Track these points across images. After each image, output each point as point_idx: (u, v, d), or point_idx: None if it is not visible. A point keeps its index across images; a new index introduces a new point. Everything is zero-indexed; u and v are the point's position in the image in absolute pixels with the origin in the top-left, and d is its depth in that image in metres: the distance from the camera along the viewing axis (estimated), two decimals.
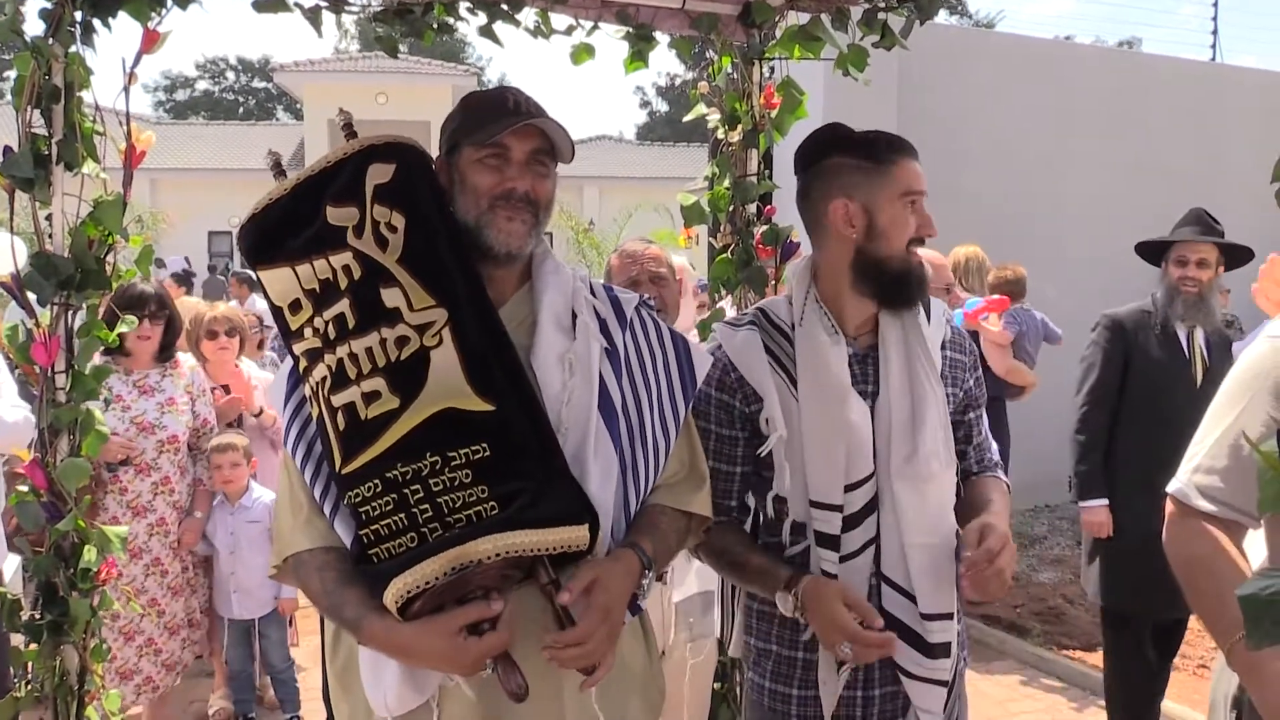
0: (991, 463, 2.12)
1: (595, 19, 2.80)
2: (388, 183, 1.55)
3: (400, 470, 1.47)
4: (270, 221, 1.61)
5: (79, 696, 2.26)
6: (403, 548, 1.47)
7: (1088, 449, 3.74)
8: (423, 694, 1.56)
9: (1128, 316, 3.72)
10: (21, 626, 2.24)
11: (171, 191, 26.20)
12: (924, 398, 1.90)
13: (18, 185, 2.11)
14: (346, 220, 1.54)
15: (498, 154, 1.64)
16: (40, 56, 2.07)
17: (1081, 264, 7.71)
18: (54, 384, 2.18)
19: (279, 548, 1.66)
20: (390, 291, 1.52)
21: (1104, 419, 3.71)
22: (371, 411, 1.49)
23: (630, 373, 1.69)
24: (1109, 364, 3.70)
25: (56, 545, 2.21)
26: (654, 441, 1.68)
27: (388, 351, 1.50)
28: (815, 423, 1.89)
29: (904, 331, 1.94)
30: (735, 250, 2.96)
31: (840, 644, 1.76)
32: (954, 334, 2.04)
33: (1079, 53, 9.30)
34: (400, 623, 1.47)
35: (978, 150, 7.43)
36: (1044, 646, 5.05)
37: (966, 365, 2.04)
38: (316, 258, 1.54)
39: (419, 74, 25.26)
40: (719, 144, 3.03)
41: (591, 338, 1.66)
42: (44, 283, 2.13)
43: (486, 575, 1.46)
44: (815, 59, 2.82)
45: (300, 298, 1.57)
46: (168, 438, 3.67)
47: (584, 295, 1.71)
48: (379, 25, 2.61)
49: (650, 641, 1.80)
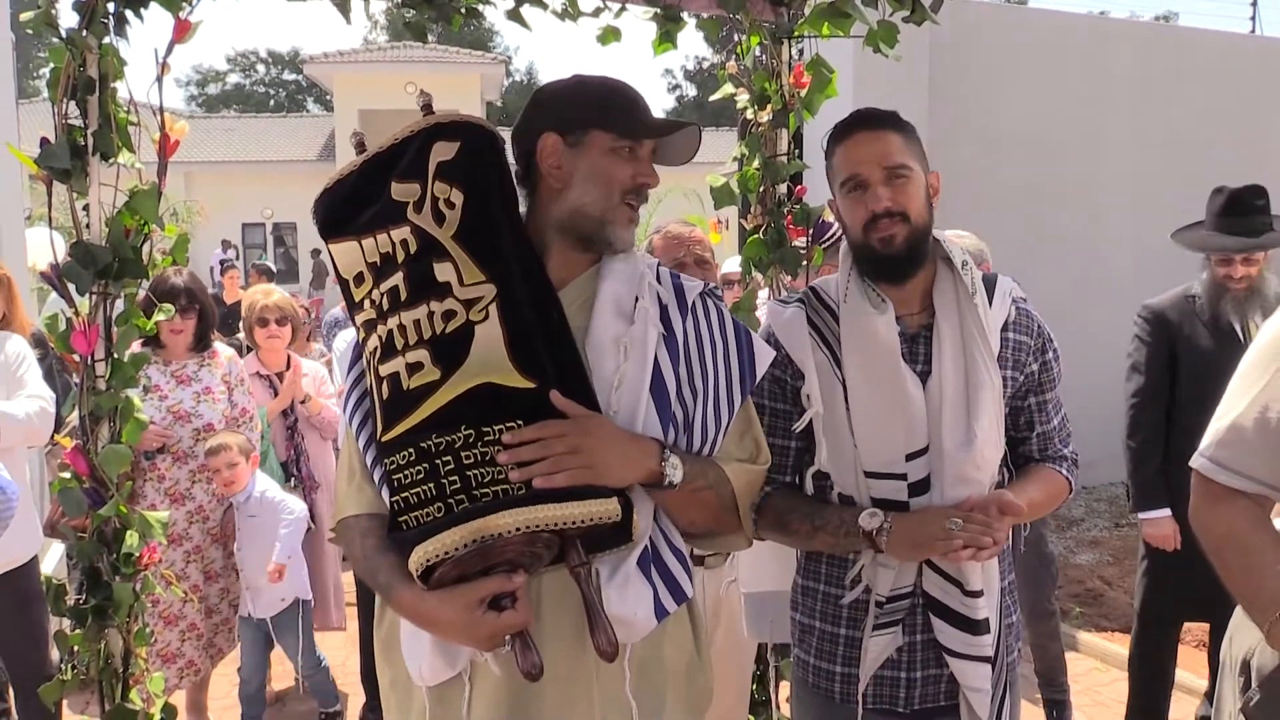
0: (1056, 453, 2.05)
1: (623, 0, 2.79)
2: (451, 160, 1.56)
3: (434, 441, 1.48)
4: (340, 197, 1.65)
5: (123, 679, 2.30)
6: (429, 517, 1.48)
7: (1143, 455, 3.43)
8: (454, 666, 1.58)
9: (1170, 306, 3.44)
10: (67, 611, 2.28)
11: (205, 185, 26.46)
12: (980, 383, 1.87)
13: (55, 176, 2.14)
14: (408, 196, 1.56)
15: (631, 147, 1.66)
16: (74, 48, 2.10)
17: (1118, 244, 7.61)
18: (94, 372, 2.22)
19: (335, 511, 1.72)
20: (442, 266, 1.53)
21: (1157, 420, 3.42)
22: (413, 382, 1.51)
23: (688, 359, 1.68)
24: (1155, 360, 3.43)
25: (99, 531, 2.24)
26: (703, 428, 1.66)
27: (434, 324, 1.52)
28: (866, 394, 1.89)
29: (960, 311, 1.90)
30: (767, 231, 2.94)
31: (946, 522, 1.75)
32: (1018, 314, 1.98)
33: (1113, 27, 9.13)
34: (425, 592, 1.49)
35: (1010, 127, 7.33)
36: (1082, 628, 5.01)
37: (1030, 348, 1.98)
38: (379, 232, 1.58)
39: (447, 63, 25.36)
40: (748, 125, 3.01)
41: (649, 323, 1.65)
42: (83, 272, 2.16)
43: (509, 550, 1.47)
44: (845, 36, 2.79)
45: (363, 271, 1.61)
46: (204, 425, 3.73)
47: (649, 281, 1.70)
48: (408, 11, 2.61)
49: (700, 633, 1.76)
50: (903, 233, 1.85)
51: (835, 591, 1.98)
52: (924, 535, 1.77)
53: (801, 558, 2.08)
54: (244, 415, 3.95)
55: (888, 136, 1.86)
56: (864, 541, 1.83)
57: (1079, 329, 5.43)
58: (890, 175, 1.84)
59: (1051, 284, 6.53)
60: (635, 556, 1.58)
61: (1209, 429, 1.73)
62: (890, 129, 1.87)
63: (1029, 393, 2.00)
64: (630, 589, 1.56)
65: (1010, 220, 6.91)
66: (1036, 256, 7.01)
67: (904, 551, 1.82)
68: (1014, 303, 1.98)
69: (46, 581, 2.35)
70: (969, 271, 1.93)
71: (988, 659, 1.88)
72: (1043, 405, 2.02)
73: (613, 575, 1.56)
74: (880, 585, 1.90)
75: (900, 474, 1.88)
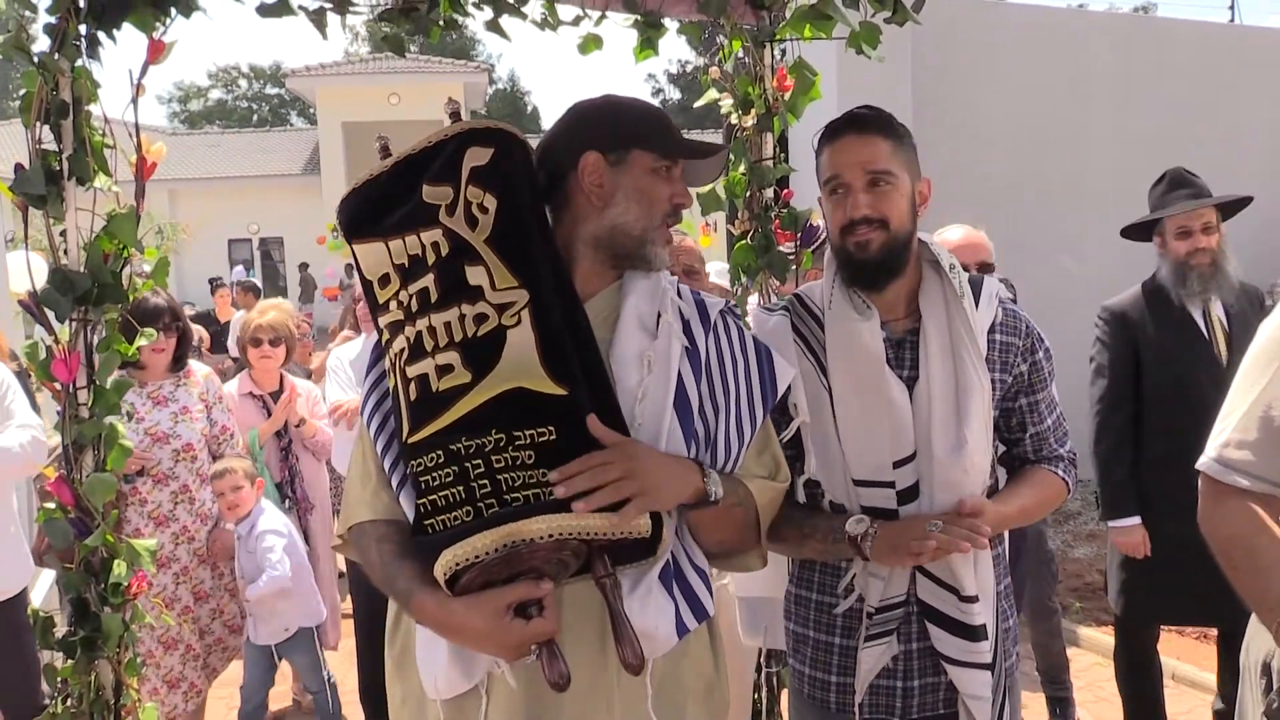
0: (1052, 453, 2.02)
1: (602, 8, 2.77)
2: (484, 165, 1.56)
3: (464, 444, 1.48)
4: (368, 198, 1.64)
5: (115, 711, 2.26)
6: (458, 520, 1.48)
7: (1111, 461, 3.36)
8: (471, 679, 1.56)
9: (1130, 305, 3.37)
10: (55, 643, 2.24)
11: (190, 202, 26.42)
12: (969, 387, 1.85)
13: (30, 202, 2.11)
14: (440, 199, 1.56)
15: (669, 167, 1.68)
16: (46, 72, 2.06)
17: (1102, 239, 7.60)
18: (76, 400, 2.18)
19: (344, 518, 1.70)
20: (475, 269, 1.53)
21: (1124, 424, 3.34)
22: (443, 384, 1.51)
23: (709, 375, 1.68)
24: (1118, 362, 3.35)
25: (86, 561, 2.21)
26: (725, 444, 1.66)
27: (465, 327, 1.51)
28: (851, 402, 1.88)
29: (948, 315, 1.88)
30: (754, 236, 2.92)
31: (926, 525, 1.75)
32: (1005, 315, 1.96)
33: (1093, 20, 9.18)
34: (450, 598, 1.48)
35: (993, 124, 7.34)
36: (1083, 623, 5.00)
37: (1018, 349, 1.95)
38: (408, 234, 1.57)
39: (430, 73, 25.36)
40: (732, 129, 3.00)
41: (673, 336, 1.66)
42: (61, 299, 2.12)
43: (537, 557, 1.46)
44: (827, 38, 2.78)
45: (390, 272, 1.60)
46: (182, 446, 3.70)
47: (670, 296, 1.71)
48: (386, 24, 2.59)
49: (718, 650, 1.76)
50: (879, 239, 1.83)
51: (829, 600, 1.96)
52: (905, 539, 1.76)
53: (794, 567, 2.06)
54: (224, 433, 3.92)
55: (875, 141, 1.84)
56: (851, 548, 1.82)
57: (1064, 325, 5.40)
58: (872, 181, 1.82)
59: (1036, 281, 6.53)
60: (657, 571, 1.58)
61: (1213, 431, 1.71)
62: (879, 134, 1.85)
63: (1019, 394, 1.98)
64: (652, 603, 1.56)
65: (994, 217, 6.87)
66: (1021, 253, 6.99)
67: (887, 557, 1.80)
68: (1000, 304, 1.96)
69: (33, 614, 2.31)
70: (956, 274, 1.91)
71: (987, 665, 1.86)
72: (1034, 406, 1.99)
73: (635, 588, 1.56)
74: (871, 595, 1.89)
75: (888, 481, 1.87)
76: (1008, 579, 2.03)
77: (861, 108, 1.91)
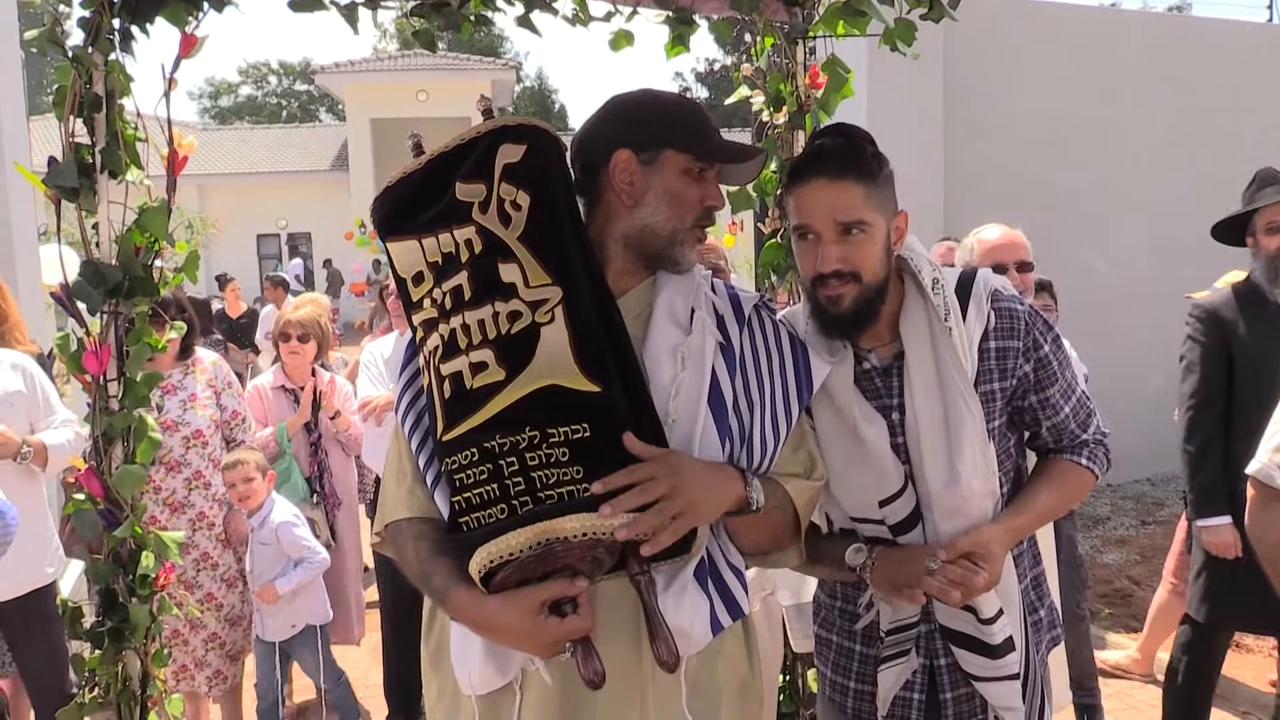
0: (1074, 440, 1.92)
1: (634, 4, 2.76)
2: (517, 162, 1.56)
3: (498, 441, 1.48)
4: (402, 196, 1.64)
5: (141, 701, 2.27)
6: (492, 518, 1.48)
7: (1201, 459, 3.29)
8: (505, 675, 1.56)
9: (1223, 303, 3.30)
10: (83, 634, 2.25)
11: (219, 196, 26.64)
12: (959, 418, 1.77)
13: (63, 195, 2.12)
14: (473, 196, 1.55)
15: (702, 169, 1.66)
16: (80, 66, 2.08)
17: (1132, 239, 7.53)
18: (106, 392, 2.19)
19: (381, 515, 1.70)
20: (508, 267, 1.52)
21: (1215, 422, 3.27)
22: (477, 381, 1.50)
23: (744, 370, 1.67)
24: (1210, 360, 3.28)
25: (114, 552, 2.22)
26: (761, 440, 1.64)
27: (499, 325, 1.51)
28: (833, 444, 1.83)
29: (932, 341, 1.79)
30: (784, 235, 2.90)
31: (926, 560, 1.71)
32: (999, 318, 1.81)
33: (1126, 19, 9.07)
34: (485, 595, 1.47)
35: (1024, 122, 7.27)
36: (1111, 629, 4.94)
37: (1017, 350, 1.82)
38: (442, 231, 1.57)
39: (458, 70, 25.44)
40: (763, 127, 2.97)
41: (707, 332, 1.64)
42: (92, 291, 2.13)
43: (572, 555, 1.46)
44: (861, 35, 2.75)
45: (423, 270, 1.60)
46: (192, 433, 3.76)
47: (704, 292, 1.70)
48: (416, 20, 2.58)
49: (753, 650, 1.75)
50: (851, 293, 1.72)
51: (850, 608, 1.95)
52: (903, 577, 1.74)
53: None
54: (236, 418, 3.97)
55: (847, 187, 1.70)
56: (854, 576, 1.81)
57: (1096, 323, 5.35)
58: (844, 231, 1.70)
59: (1068, 278, 6.48)
60: (692, 567, 1.57)
61: (1265, 435, 1.68)
62: (853, 178, 1.70)
63: (1027, 393, 1.87)
64: (687, 599, 1.55)
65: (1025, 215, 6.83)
66: (1053, 251, 6.93)
67: (886, 590, 1.78)
68: (993, 305, 1.82)
69: (62, 604, 2.33)
70: (940, 290, 1.80)
71: (1014, 676, 1.82)
72: (1045, 401, 1.88)
73: (669, 585, 1.55)
74: (883, 617, 1.87)
75: (878, 519, 1.83)
76: (1037, 568, 1.98)
77: (829, 136, 1.78)
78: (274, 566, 3.76)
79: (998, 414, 1.85)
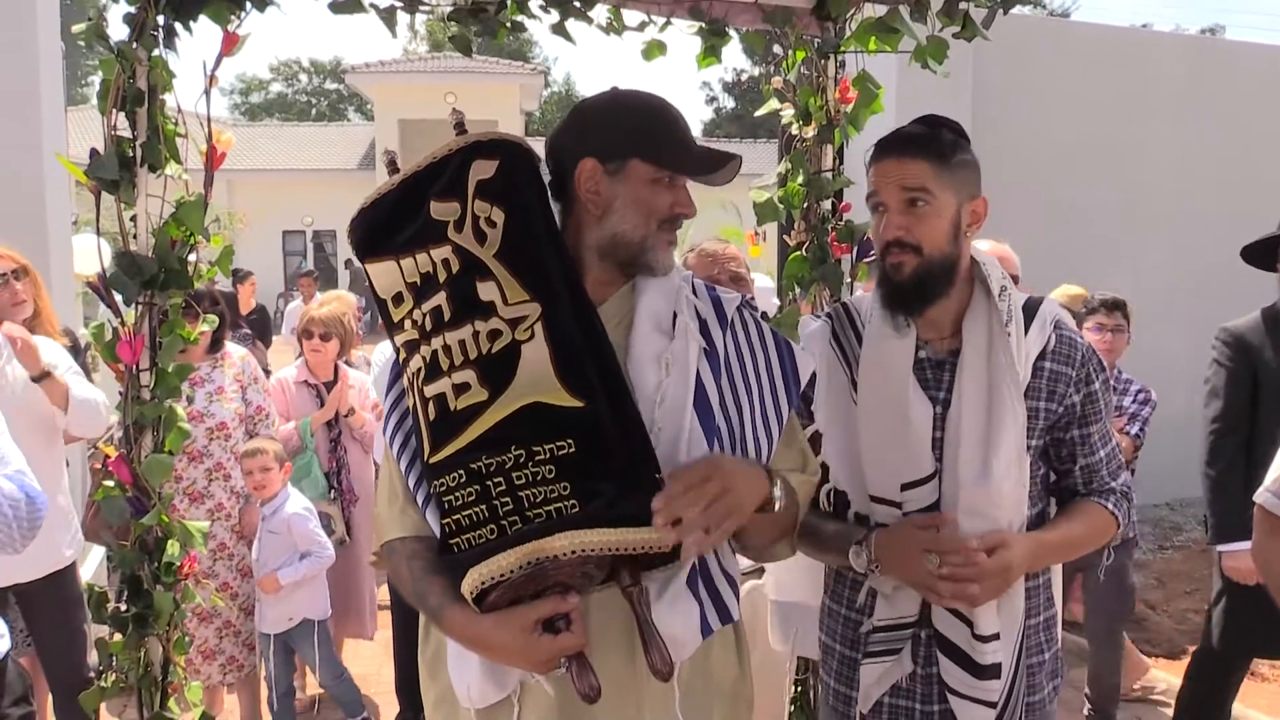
0: (1102, 486, 1.94)
1: (668, 15, 2.77)
2: (490, 179, 1.56)
3: (484, 462, 1.48)
4: (378, 216, 1.64)
5: (162, 687, 2.30)
6: (482, 539, 1.48)
7: (1223, 484, 3.27)
8: (504, 689, 1.57)
9: (1250, 329, 3.31)
10: (108, 619, 2.29)
11: (247, 192, 26.83)
12: (1002, 418, 1.79)
13: (104, 187, 2.16)
14: (448, 215, 1.56)
15: (671, 177, 1.64)
16: (124, 60, 2.11)
17: (1158, 260, 7.49)
18: (139, 382, 2.23)
19: (377, 535, 1.70)
20: (485, 285, 1.53)
21: (1238, 448, 3.27)
22: (461, 403, 1.51)
23: (729, 373, 1.66)
24: (1234, 384, 3.29)
25: (141, 540, 2.25)
26: (755, 441, 1.65)
27: (479, 344, 1.51)
28: (873, 418, 1.85)
29: (990, 341, 1.82)
30: (810, 248, 2.91)
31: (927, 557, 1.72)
32: (1060, 343, 1.87)
33: (1158, 40, 9.03)
34: (478, 614, 1.48)
35: (1054, 142, 7.25)
36: None
37: (1070, 378, 1.86)
38: (419, 252, 1.57)
39: (487, 73, 25.56)
40: (791, 140, 2.99)
41: (690, 337, 1.63)
42: (128, 282, 2.17)
43: (562, 572, 1.46)
44: (892, 52, 2.76)
45: (402, 291, 1.60)
46: (216, 425, 3.82)
47: (685, 295, 1.69)
48: (453, 24, 2.61)
49: (743, 652, 1.76)
50: (911, 264, 1.78)
51: (855, 617, 1.95)
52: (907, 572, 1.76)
53: (830, 577, 2.05)
54: (259, 413, 4.02)
55: (915, 163, 1.77)
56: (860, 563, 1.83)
57: None
58: (909, 200, 1.77)
59: None
60: (684, 575, 1.57)
61: (1274, 463, 1.68)
62: (923, 156, 1.78)
63: (1071, 425, 1.90)
64: (679, 606, 1.55)
65: (1054, 235, 6.82)
66: (1078, 271, 6.91)
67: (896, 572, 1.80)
68: (1056, 330, 1.87)
69: (88, 589, 2.37)
70: (1006, 298, 1.85)
71: (991, 704, 1.80)
72: (1086, 438, 1.91)
73: (662, 592, 1.55)
74: (877, 612, 1.88)
75: (895, 502, 1.84)
76: (1050, 611, 1.97)
77: (917, 121, 1.86)
78: (279, 557, 3.80)
79: (1037, 434, 1.86)
